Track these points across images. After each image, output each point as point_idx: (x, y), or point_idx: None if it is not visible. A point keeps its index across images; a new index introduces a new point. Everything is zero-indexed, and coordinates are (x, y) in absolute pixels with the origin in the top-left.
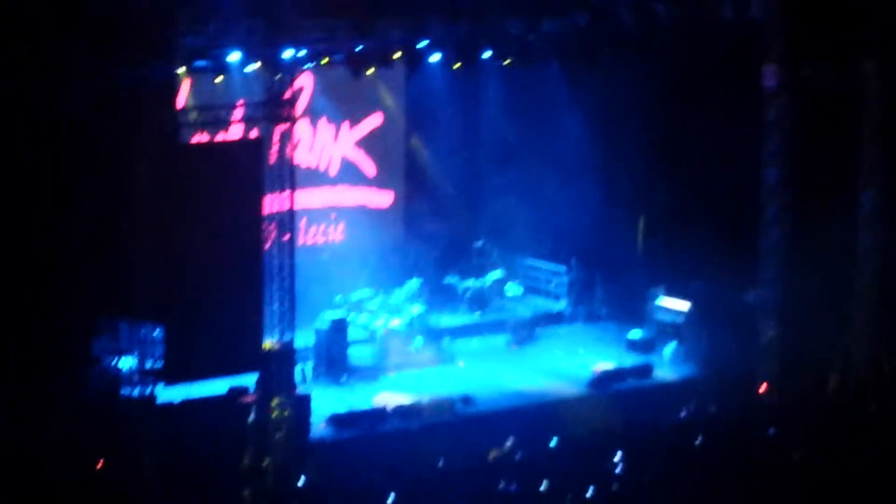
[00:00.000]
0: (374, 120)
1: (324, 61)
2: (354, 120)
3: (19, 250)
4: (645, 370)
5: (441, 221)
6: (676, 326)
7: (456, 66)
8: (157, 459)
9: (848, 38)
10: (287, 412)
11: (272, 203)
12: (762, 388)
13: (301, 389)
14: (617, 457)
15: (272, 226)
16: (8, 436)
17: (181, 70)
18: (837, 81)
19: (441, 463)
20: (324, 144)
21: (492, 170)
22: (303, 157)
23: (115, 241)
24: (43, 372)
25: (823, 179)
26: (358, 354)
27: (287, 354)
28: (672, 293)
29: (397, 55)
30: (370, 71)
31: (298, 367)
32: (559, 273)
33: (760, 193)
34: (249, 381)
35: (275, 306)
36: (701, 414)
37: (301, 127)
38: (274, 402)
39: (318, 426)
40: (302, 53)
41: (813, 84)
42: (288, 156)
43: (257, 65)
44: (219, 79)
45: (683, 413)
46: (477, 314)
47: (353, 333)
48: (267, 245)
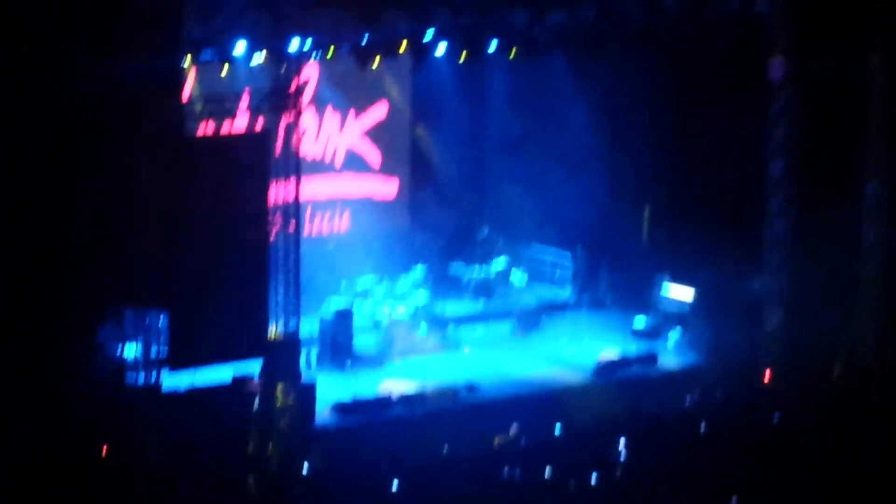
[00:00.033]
0: (380, 110)
1: (329, 52)
2: (360, 110)
3: (24, 240)
4: (650, 358)
5: (446, 210)
6: (681, 315)
7: (462, 58)
8: (162, 447)
9: (854, 32)
10: (292, 400)
11: (278, 193)
12: (766, 377)
13: (306, 377)
14: (621, 444)
15: (277, 215)
16: (12, 423)
17: (187, 61)
18: (843, 74)
19: (445, 450)
20: (329, 135)
21: (497, 159)
22: (308, 148)
23: (121, 230)
24: (47, 359)
25: (829, 171)
26: (363, 342)
27: (292, 342)
28: (677, 282)
29: (403, 47)
30: (376, 62)
31: (303, 355)
32: (564, 261)
33: (766, 185)
34: (254, 369)
35: (280, 295)
36: (705, 402)
37: (306, 117)
38: (278, 390)
39: (323, 413)
40: (308, 44)
41: (819, 77)
42: (293, 146)
43: (263, 55)
44: (224, 69)
45: (688, 401)
46: (482, 302)
47: (358, 321)
48: (272, 234)
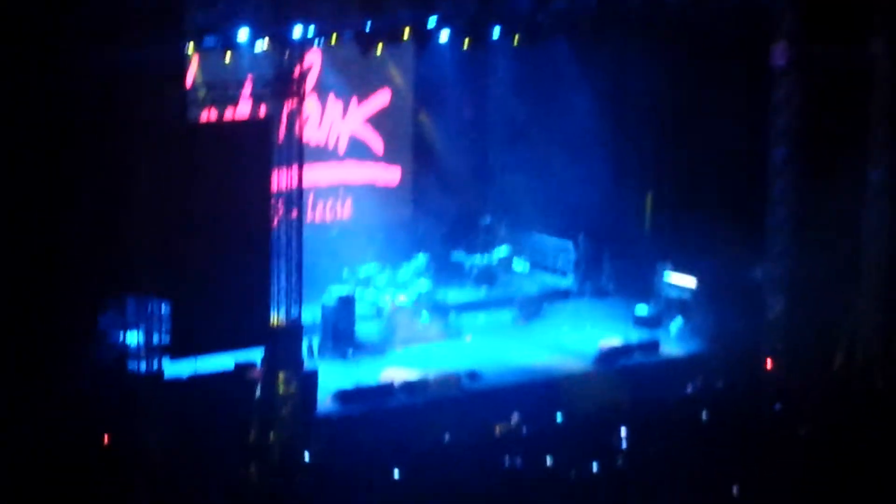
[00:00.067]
0: (383, 97)
1: (333, 38)
2: (363, 97)
3: (26, 228)
4: (652, 346)
5: (448, 198)
6: (683, 302)
7: (465, 45)
8: (164, 434)
9: (857, 17)
10: (293, 387)
11: (280, 180)
12: (768, 364)
13: (307, 365)
14: (623, 432)
15: (280, 202)
16: (15, 411)
17: (190, 48)
18: (846, 60)
19: (447, 438)
20: (332, 121)
21: (499, 146)
22: (311, 135)
23: (123, 218)
24: (49, 347)
25: (831, 158)
26: (365, 330)
27: (294, 330)
28: (679, 269)
29: (406, 34)
30: (379, 49)
31: (305, 343)
32: (566, 249)
33: (768, 171)
34: (256, 357)
35: (282, 282)
36: (707, 389)
37: (309, 104)
38: (280, 378)
39: (325, 401)
40: (311, 31)
41: (822, 62)
42: (296, 133)
43: (266, 42)
44: (227, 56)
45: (690, 389)
46: (484, 290)
47: (360, 309)
48: (275, 221)
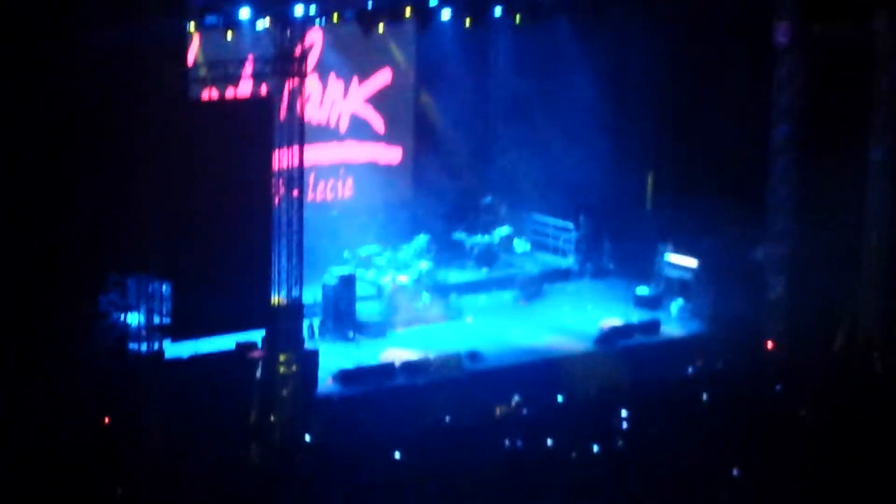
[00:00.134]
0: (384, 76)
1: (334, 17)
2: (364, 76)
3: (27, 206)
4: (652, 326)
5: (450, 178)
6: (684, 283)
7: (467, 23)
8: (165, 415)
9: None
10: (294, 368)
11: (281, 159)
12: (769, 345)
13: (308, 345)
14: (623, 413)
15: (281, 182)
16: (15, 391)
17: (191, 26)
18: (848, 39)
19: (448, 419)
20: (333, 100)
21: (501, 126)
22: (312, 114)
23: (124, 197)
24: (50, 327)
25: (833, 136)
26: (365, 310)
27: (295, 310)
28: (680, 249)
29: (408, 12)
30: (381, 27)
31: (306, 323)
32: (567, 229)
33: (770, 150)
34: (257, 337)
35: (283, 262)
36: (708, 370)
37: (311, 83)
38: (281, 358)
39: (326, 382)
40: (312, 9)
41: (824, 41)
42: (297, 112)
43: (267, 21)
44: (229, 35)
45: (690, 369)
46: (485, 270)
47: (361, 289)
48: (276, 201)
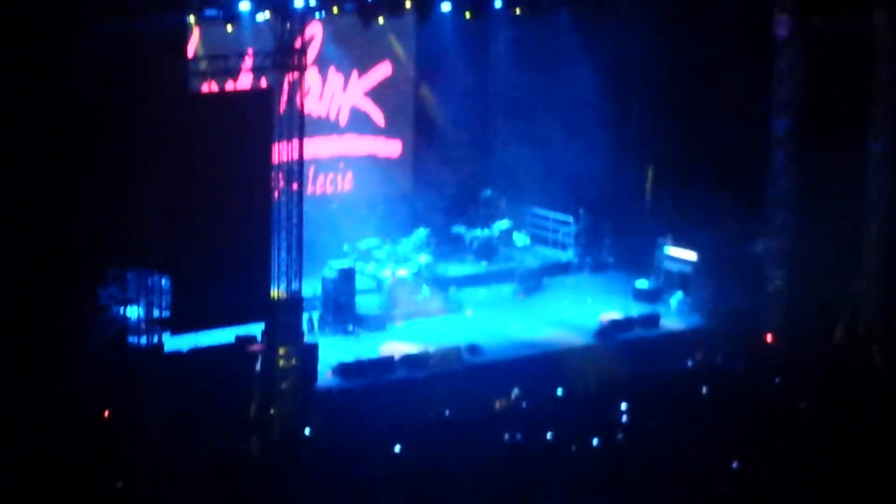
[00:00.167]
0: (384, 69)
1: (334, 10)
2: (364, 69)
3: (27, 199)
4: (652, 320)
5: (449, 171)
6: (684, 276)
7: (467, 15)
8: (165, 408)
9: None
10: (294, 361)
11: (281, 152)
12: (769, 338)
13: (308, 338)
14: (623, 406)
15: (281, 175)
16: (15, 385)
17: (191, 19)
18: (848, 31)
19: (448, 412)
20: (333, 93)
21: (500, 119)
22: (312, 107)
23: (123, 190)
24: (50, 321)
25: (833, 129)
26: (365, 303)
27: (294, 303)
28: (679, 243)
29: (408, 4)
30: (380, 20)
31: (305, 317)
32: (567, 222)
33: (769, 143)
34: (257, 331)
35: (282, 255)
36: (707, 363)
37: (310, 76)
38: (281, 352)
39: (325, 375)
40: (312, 1)
41: (824, 34)
42: (297, 105)
43: (267, 13)
44: (229, 27)
45: (690, 362)
46: (484, 264)
47: (361, 282)
48: (275, 194)
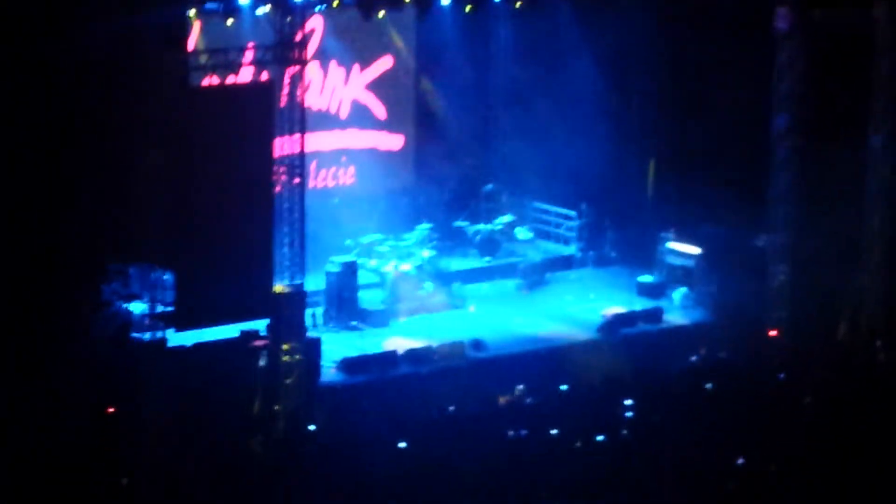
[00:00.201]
0: (385, 63)
1: (335, 3)
2: (365, 63)
3: (29, 195)
4: (655, 315)
5: (451, 165)
6: (687, 271)
7: (467, 9)
8: (168, 403)
9: None
10: (298, 356)
11: (283, 146)
12: (772, 333)
13: (311, 333)
14: (627, 401)
15: (282, 169)
16: (18, 381)
17: (192, 12)
18: (849, 25)
19: (451, 407)
20: (334, 87)
21: (502, 113)
22: (313, 100)
23: (125, 185)
24: (53, 317)
25: (834, 123)
26: (368, 298)
27: (297, 298)
28: (682, 237)
29: None
30: (381, 13)
31: (309, 312)
32: (569, 217)
33: (771, 137)
34: (260, 326)
35: (285, 250)
36: (711, 359)
37: (311, 70)
38: (284, 347)
39: (329, 370)
40: None
41: (824, 27)
42: (298, 99)
43: (268, 7)
44: (229, 21)
45: (693, 358)
46: (487, 258)
47: (364, 277)
48: (277, 188)
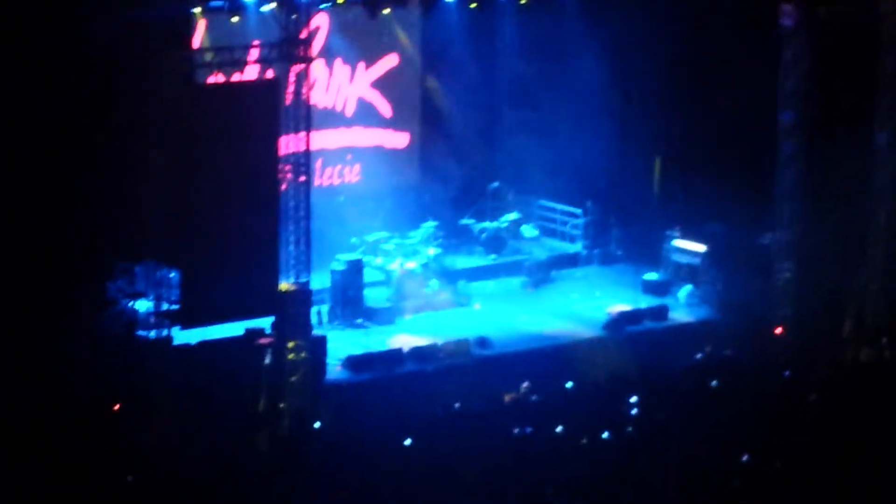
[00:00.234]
0: (390, 60)
1: (340, 0)
2: (370, 60)
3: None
4: (661, 312)
5: (457, 162)
6: (692, 268)
7: (472, 5)
8: (173, 401)
9: None
10: (303, 354)
11: (288, 144)
12: (778, 331)
13: (317, 331)
14: (632, 399)
15: (288, 167)
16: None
17: (197, 10)
18: (854, 21)
19: (457, 405)
20: (340, 85)
21: (508, 110)
22: (319, 98)
23: (130, 183)
24: (58, 315)
25: (839, 120)
26: (374, 296)
27: (303, 296)
28: (688, 235)
29: None
30: (386, 10)
31: (314, 310)
32: (575, 215)
33: (776, 134)
34: (266, 324)
35: (290, 248)
36: (716, 356)
37: (317, 67)
38: (290, 345)
39: (334, 368)
40: None
41: (830, 24)
42: (304, 96)
43: (273, 4)
44: (235, 19)
45: (699, 355)
46: (493, 256)
47: (369, 275)
48: (283, 186)
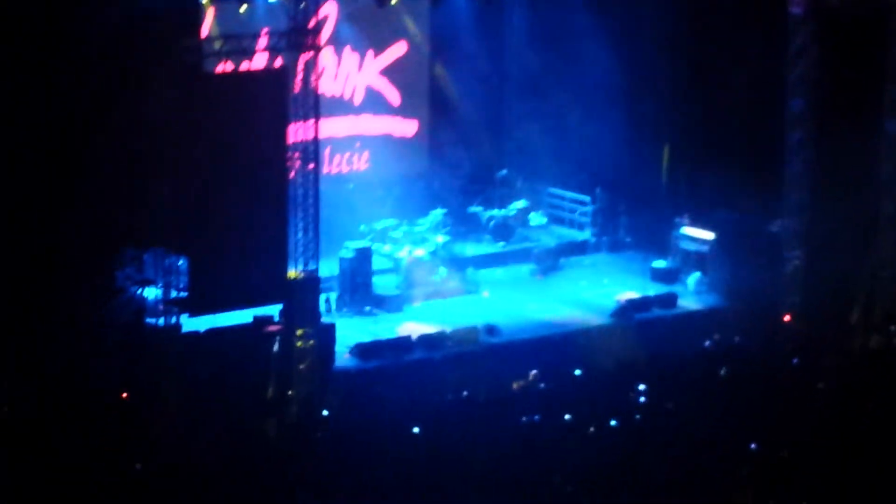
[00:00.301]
0: (399, 48)
1: None
2: (379, 48)
3: (44, 182)
4: (669, 300)
5: (465, 150)
6: (701, 256)
7: None
8: (182, 389)
9: None
10: (311, 342)
11: (297, 132)
12: (787, 318)
13: (325, 319)
14: (640, 386)
15: (296, 155)
16: (33, 366)
17: None
18: (863, 9)
19: (465, 393)
20: (348, 73)
21: (516, 98)
22: (327, 86)
23: (139, 171)
24: (67, 302)
25: (848, 108)
26: (382, 284)
27: (311, 284)
28: (697, 222)
29: None
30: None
31: (323, 297)
32: (583, 202)
33: (785, 122)
34: (274, 311)
35: (299, 236)
36: (725, 344)
37: (325, 56)
38: (298, 332)
39: (343, 356)
40: None
41: (838, 12)
42: (312, 85)
43: None
44: (243, 7)
45: (708, 343)
46: (501, 244)
47: (378, 263)
48: (291, 174)
